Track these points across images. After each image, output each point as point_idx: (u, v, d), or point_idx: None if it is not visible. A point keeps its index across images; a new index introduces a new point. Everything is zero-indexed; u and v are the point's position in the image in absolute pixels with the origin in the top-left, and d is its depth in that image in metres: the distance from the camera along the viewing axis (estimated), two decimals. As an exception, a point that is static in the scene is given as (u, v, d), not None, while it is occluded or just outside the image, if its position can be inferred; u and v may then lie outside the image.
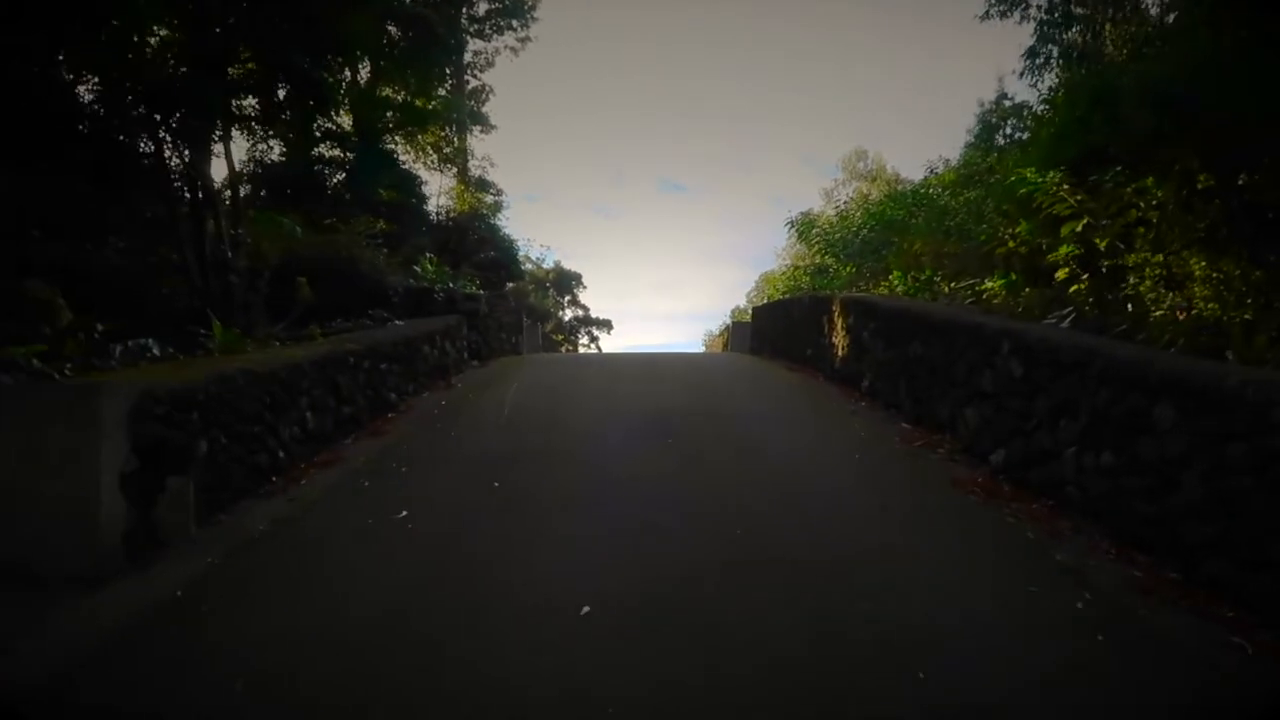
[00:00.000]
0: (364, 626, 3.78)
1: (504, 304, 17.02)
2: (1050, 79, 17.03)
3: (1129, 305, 9.73)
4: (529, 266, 40.89)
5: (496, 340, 15.63)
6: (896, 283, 11.82)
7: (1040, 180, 10.55)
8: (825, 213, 27.00)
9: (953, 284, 11.33)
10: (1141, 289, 10.07)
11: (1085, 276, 10.28)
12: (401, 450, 7.43)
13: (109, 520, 4.44)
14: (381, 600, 4.07)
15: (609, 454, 7.14)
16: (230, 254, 12.03)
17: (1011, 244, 12.11)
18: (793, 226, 22.64)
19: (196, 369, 5.85)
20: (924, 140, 78.49)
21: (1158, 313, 9.16)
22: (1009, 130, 20.70)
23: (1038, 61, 16.50)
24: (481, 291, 15.34)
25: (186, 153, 11.64)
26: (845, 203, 24.86)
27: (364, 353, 8.64)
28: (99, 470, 4.40)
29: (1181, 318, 9.18)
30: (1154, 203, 10.18)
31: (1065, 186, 10.38)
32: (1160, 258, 10.03)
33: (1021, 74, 17.22)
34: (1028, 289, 10.89)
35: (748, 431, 8.17)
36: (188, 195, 12.02)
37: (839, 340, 11.55)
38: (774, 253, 55.21)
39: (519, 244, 39.54)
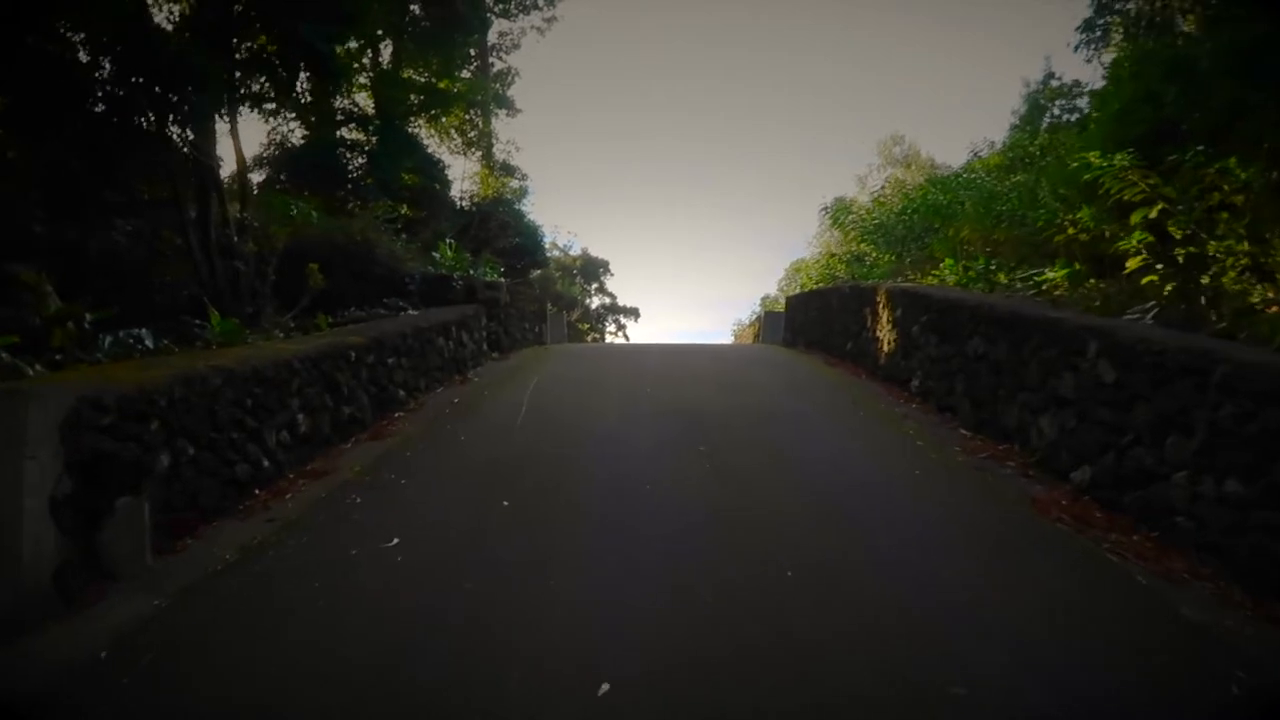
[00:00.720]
0: (329, 692, 2.98)
1: (527, 292, 16.22)
2: (1106, 54, 15.92)
3: (1210, 298, 8.72)
4: (556, 253, 40.11)
5: (519, 330, 14.85)
6: (947, 272, 10.82)
7: (1106, 164, 9.49)
8: (858, 199, 25.90)
9: (1009, 274, 10.31)
10: (1224, 280, 9.04)
11: (1159, 266, 9.25)
12: (403, 457, 6.63)
13: (34, 553, 3.67)
14: (355, 661, 3.27)
15: (635, 466, 6.26)
16: (236, 238, 11.30)
17: (1071, 231, 11.09)
18: (827, 212, 21.66)
19: (164, 368, 5.08)
20: (957, 126, 76.51)
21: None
22: (1057, 111, 19.52)
23: (1095, 34, 15.39)
24: (503, 279, 14.54)
25: (190, 133, 10.89)
26: (881, 187, 23.75)
27: (368, 346, 7.86)
28: (20, 494, 3.63)
29: (1275, 312, 8.14)
30: (1239, 185, 9.14)
31: (1135, 169, 9.33)
32: (1246, 245, 8.98)
33: (1076, 48, 16.11)
34: (1092, 280, 9.88)
35: (789, 438, 7.27)
36: (193, 177, 11.28)
37: (884, 334, 10.60)
38: (804, 240, 54.05)
39: (545, 231, 38.82)
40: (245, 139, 24.37)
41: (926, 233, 15.30)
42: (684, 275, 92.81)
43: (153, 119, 10.40)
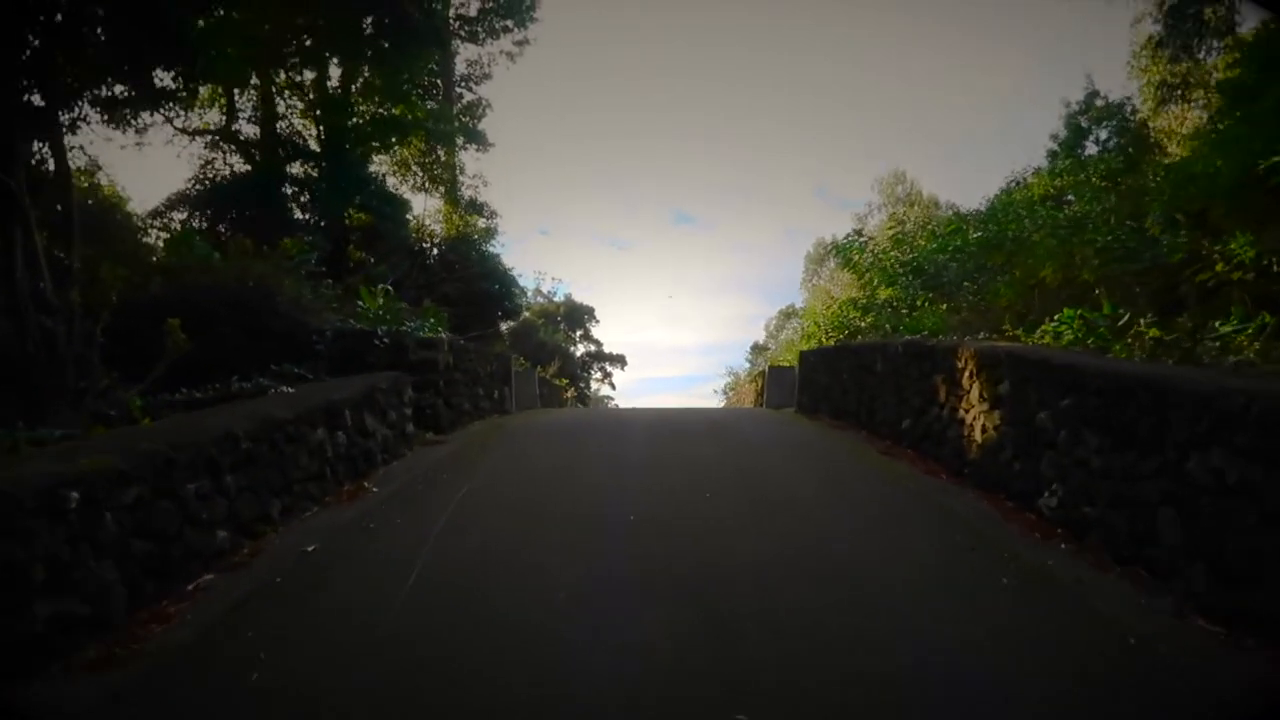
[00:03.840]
0: None
1: (482, 350, 12.60)
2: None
3: None
4: (540, 300, 36.79)
5: (468, 399, 11.21)
6: (1064, 329, 7.31)
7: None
8: (854, 236, 22.49)
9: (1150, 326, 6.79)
10: None
11: None
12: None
13: None
14: None
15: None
16: (42, 284, 7.68)
17: (1221, 267, 7.66)
18: (837, 252, 18.39)
19: None
20: (957, 167, 73.95)
21: None
22: (1105, 135, 16.27)
23: (1185, 26, 12.16)
24: (444, 335, 10.90)
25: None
26: (900, 224, 20.35)
27: (124, 475, 4.20)
28: None
29: None
30: None
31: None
32: None
33: (1159, 44, 12.88)
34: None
35: (913, 676, 3.60)
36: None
37: (974, 417, 7.05)
38: (796, 285, 51.07)
39: (529, 277, 35.39)
40: (175, 172, 21.02)
41: (980, 273, 11.87)
42: (670, 321, 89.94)
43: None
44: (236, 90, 18.68)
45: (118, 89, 8.45)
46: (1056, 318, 7.49)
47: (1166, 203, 9.20)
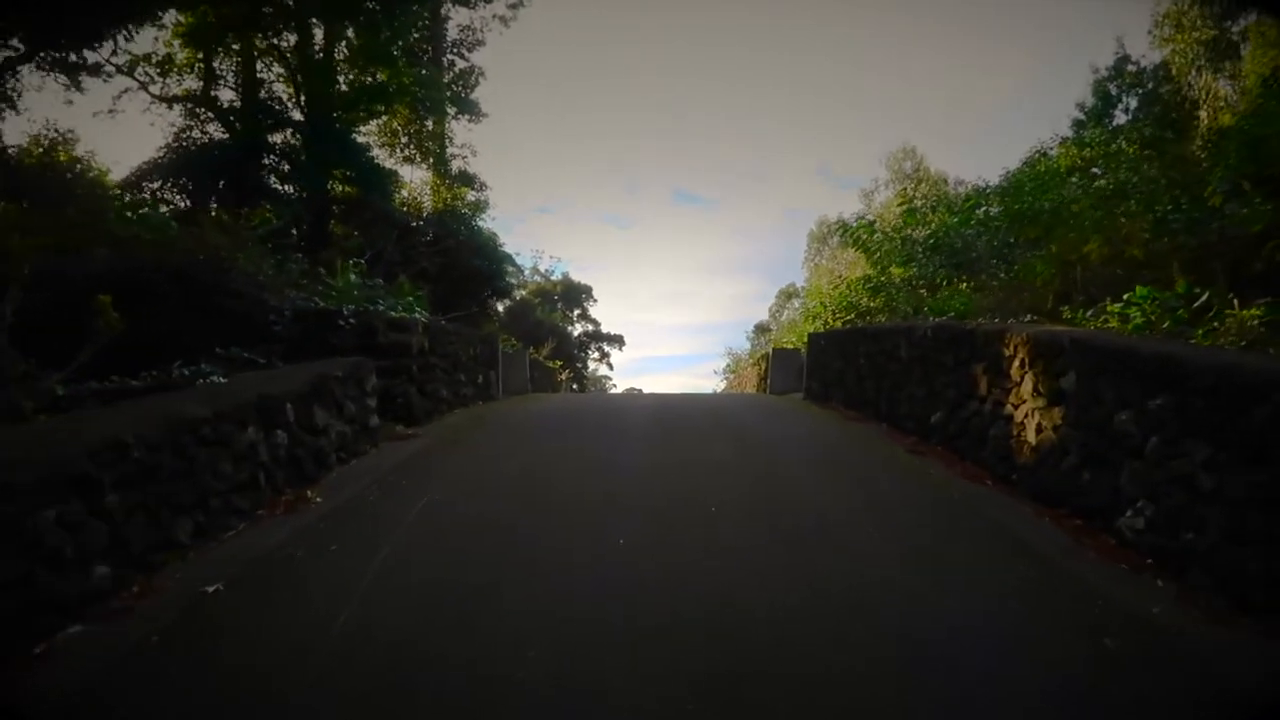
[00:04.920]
0: None
1: (462, 333, 11.40)
2: None
3: None
4: (537, 279, 35.62)
5: (448, 385, 10.07)
6: (1133, 311, 6.15)
7: None
8: (863, 213, 21.18)
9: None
10: None
11: None
12: None
13: None
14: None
15: None
16: (-63, 257, 6.52)
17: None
18: (844, 232, 17.10)
19: None
20: (954, 149, 72.43)
21: None
22: (1136, 103, 14.98)
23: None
24: (420, 315, 9.74)
25: None
26: (896, 199, 19.09)
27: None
28: None
29: None
30: None
31: None
32: None
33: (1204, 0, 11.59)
34: None
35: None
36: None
37: (1026, 414, 5.91)
38: (797, 264, 49.70)
39: (523, 255, 34.12)
40: (149, 140, 19.79)
41: (1007, 248, 10.69)
42: (669, 300, 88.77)
43: None
44: (216, 55, 17.46)
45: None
46: (1126, 297, 6.33)
47: (1232, 168, 8.02)
